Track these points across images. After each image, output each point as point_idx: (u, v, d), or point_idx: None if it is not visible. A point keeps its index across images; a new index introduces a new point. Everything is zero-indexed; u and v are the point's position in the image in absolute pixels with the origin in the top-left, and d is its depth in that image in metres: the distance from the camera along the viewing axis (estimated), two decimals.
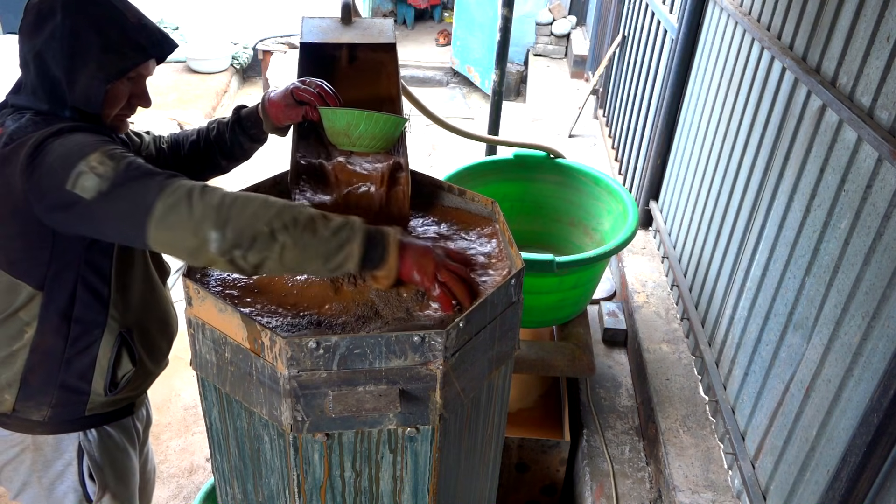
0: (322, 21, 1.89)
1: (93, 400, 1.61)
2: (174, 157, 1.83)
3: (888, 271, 1.68)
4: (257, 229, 1.23)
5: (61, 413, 1.60)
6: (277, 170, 1.79)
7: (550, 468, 2.69)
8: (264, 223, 1.23)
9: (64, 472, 1.65)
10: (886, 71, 1.77)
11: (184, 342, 1.55)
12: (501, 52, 3.35)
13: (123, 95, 1.51)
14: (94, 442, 1.66)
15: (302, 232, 1.25)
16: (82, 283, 1.51)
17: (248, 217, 1.23)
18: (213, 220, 1.22)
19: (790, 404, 2.09)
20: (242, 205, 1.24)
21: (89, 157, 1.30)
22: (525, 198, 3.06)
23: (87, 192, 1.28)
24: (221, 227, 1.22)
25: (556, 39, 7.68)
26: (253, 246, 1.23)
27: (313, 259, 1.27)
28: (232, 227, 1.22)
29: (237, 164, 1.88)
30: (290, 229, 1.24)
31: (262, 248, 1.24)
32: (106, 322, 1.57)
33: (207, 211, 1.23)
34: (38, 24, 1.41)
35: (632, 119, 4.42)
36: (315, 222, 1.26)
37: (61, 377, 1.57)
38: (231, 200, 1.25)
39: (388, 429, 1.38)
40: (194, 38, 7.46)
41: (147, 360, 1.69)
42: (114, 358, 1.59)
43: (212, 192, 1.25)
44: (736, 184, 2.69)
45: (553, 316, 2.77)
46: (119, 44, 1.44)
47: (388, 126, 1.57)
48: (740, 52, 2.76)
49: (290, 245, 1.24)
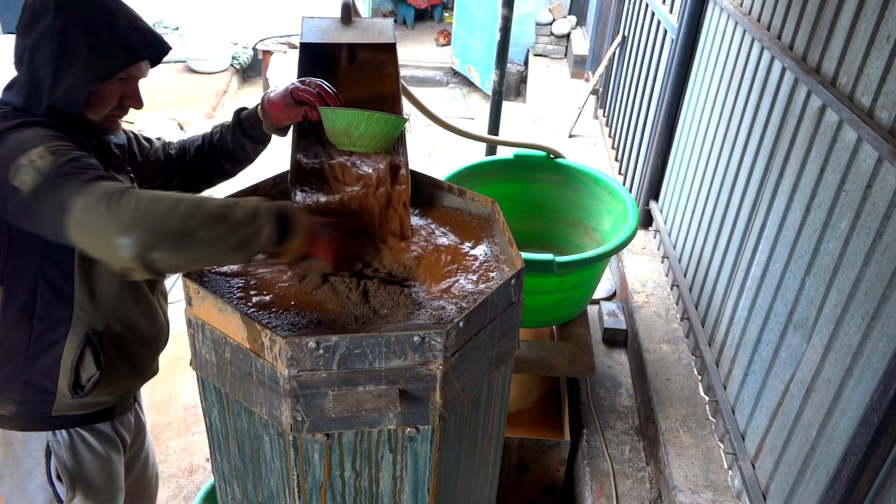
0: (322, 21, 1.89)
1: (59, 400, 1.59)
2: (181, 163, 1.83)
3: (888, 271, 1.68)
4: (172, 229, 1.20)
5: (27, 410, 1.59)
6: (277, 170, 1.79)
7: (550, 468, 2.69)
8: (178, 222, 1.20)
9: (33, 471, 1.64)
10: (886, 71, 1.77)
11: (184, 342, 1.55)
12: (501, 52, 3.35)
13: (113, 96, 1.50)
14: (63, 443, 1.64)
15: (216, 224, 1.23)
16: (43, 279, 1.50)
17: (161, 218, 1.20)
18: (124, 225, 1.18)
19: (790, 404, 2.09)
20: (153, 207, 1.20)
21: (31, 151, 1.29)
22: (525, 198, 3.06)
23: (25, 185, 1.27)
24: (133, 232, 1.18)
25: (556, 39, 7.68)
26: (173, 247, 1.20)
27: (230, 249, 1.25)
28: (146, 230, 1.18)
29: (242, 168, 1.87)
30: (207, 225, 1.22)
31: (181, 248, 1.21)
32: (70, 321, 1.54)
33: (119, 216, 1.19)
34: (31, 22, 1.42)
35: (632, 119, 4.42)
36: (227, 212, 1.24)
37: (25, 374, 1.55)
38: (145, 204, 1.20)
39: (388, 429, 1.38)
40: (194, 38, 7.46)
41: (121, 366, 1.65)
42: (77, 359, 1.56)
43: (126, 196, 1.21)
44: (736, 184, 2.69)
45: (553, 316, 2.77)
46: (108, 45, 1.43)
47: (388, 126, 1.57)
48: (740, 52, 2.76)
49: (207, 240, 1.22)
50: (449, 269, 1.57)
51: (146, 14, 7.24)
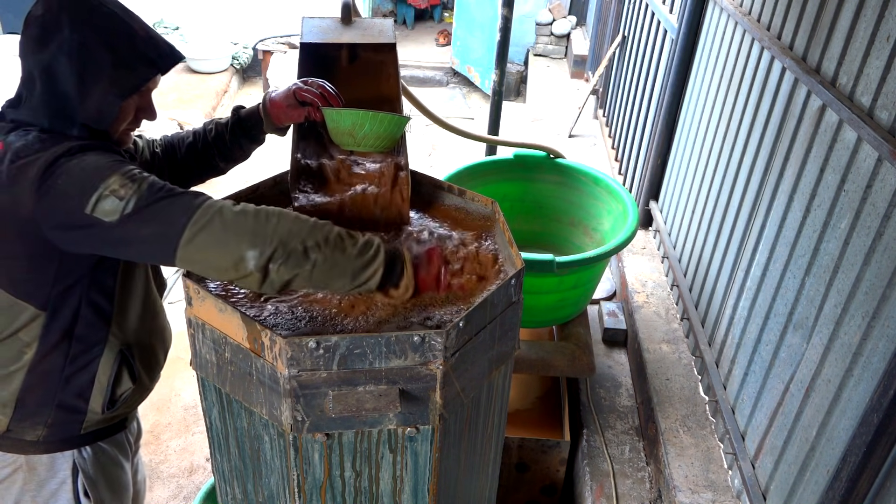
0: (322, 21, 1.89)
1: (89, 419, 1.58)
2: (169, 160, 1.78)
3: (888, 271, 1.68)
4: (292, 246, 1.26)
5: (56, 432, 1.56)
6: (277, 170, 1.79)
7: (550, 468, 2.69)
8: (298, 240, 1.27)
9: (58, 491, 1.62)
10: (886, 71, 1.77)
11: (184, 342, 1.54)
12: (501, 52, 3.35)
13: (132, 110, 1.48)
14: (88, 459, 1.63)
15: (332, 250, 1.29)
16: (86, 301, 1.48)
17: (283, 234, 1.27)
18: (249, 238, 1.25)
19: (790, 404, 2.09)
20: (277, 222, 1.27)
21: (108, 179, 1.28)
22: (525, 198, 3.06)
23: (109, 215, 1.27)
24: (258, 244, 1.25)
25: (556, 39, 7.68)
26: (287, 262, 1.26)
27: (340, 277, 1.31)
28: (268, 243, 1.25)
29: (234, 165, 1.86)
30: (322, 247, 1.28)
31: (295, 265, 1.27)
32: (107, 339, 1.54)
33: (242, 230, 1.26)
34: (43, 38, 1.36)
35: (632, 119, 4.42)
36: (343, 241, 1.31)
37: (59, 396, 1.53)
38: (265, 217, 1.28)
39: (388, 429, 1.38)
40: (194, 38, 7.45)
41: (144, 376, 1.66)
42: (114, 376, 1.56)
43: (243, 211, 1.28)
44: (736, 184, 2.69)
45: (553, 316, 2.77)
46: (130, 59, 1.41)
47: (392, 126, 1.58)
48: (740, 52, 2.76)
49: (320, 262, 1.28)
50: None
51: (146, 14, 7.24)
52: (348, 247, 1.31)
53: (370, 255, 1.32)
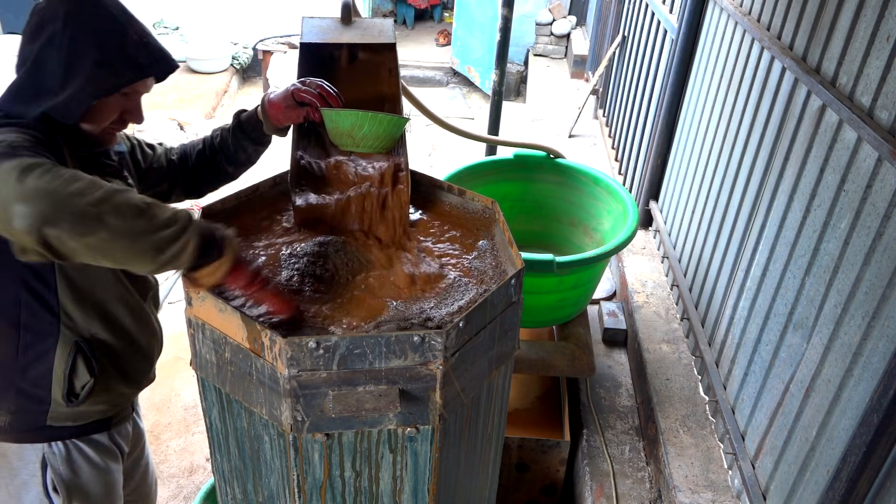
0: (322, 21, 1.89)
1: (55, 409, 1.57)
2: (183, 168, 1.82)
3: (888, 271, 1.68)
4: (80, 208, 1.10)
5: (22, 420, 1.56)
6: (277, 170, 1.79)
7: (550, 468, 2.69)
8: (89, 202, 1.11)
9: (28, 483, 1.62)
10: (886, 71, 1.77)
11: (184, 342, 1.54)
12: (501, 52, 3.35)
13: (114, 110, 1.48)
14: (59, 455, 1.62)
15: (135, 217, 1.14)
16: (26, 289, 1.47)
17: (70, 194, 1.10)
18: (25, 194, 1.09)
19: (790, 404, 2.09)
20: (65, 183, 1.11)
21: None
22: (525, 198, 3.06)
23: None
24: (34, 200, 1.09)
25: (556, 39, 7.68)
26: (74, 227, 1.10)
27: (144, 250, 1.16)
28: (48, 202, 1.09)
29: (245, 169, 1.86)
30: (121, 214, 1.12)
31: (85, 231, 1.11)
32: (59, 331, 1.52)
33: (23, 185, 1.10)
34: (39, 28, 1.39)
35: (632, 119, 4.42)
36: (150, 210, 1.16)
37: (18, 383, 1.53)
38: (57, 178, 1.12)
39: (388, 429, 1.38)
40: (194, 38, 7.45)
41: (115, 374, 1.63)
42: (69, 368, 1.54)
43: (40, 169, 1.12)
44: (736, 184, 2.69)
45: (553, 316, 2.77)
46: (115, 60, 1.41)
47: (391, 126, 1.58)
48: (740, 52, 2.76)
49: (119, 229, 1.12)
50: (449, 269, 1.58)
51: (146, 14, 7.24)
52: (155, 213, 1.15)
53: (180, 226, 1.17)
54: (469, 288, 1.52)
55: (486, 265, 1.60)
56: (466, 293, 1.50)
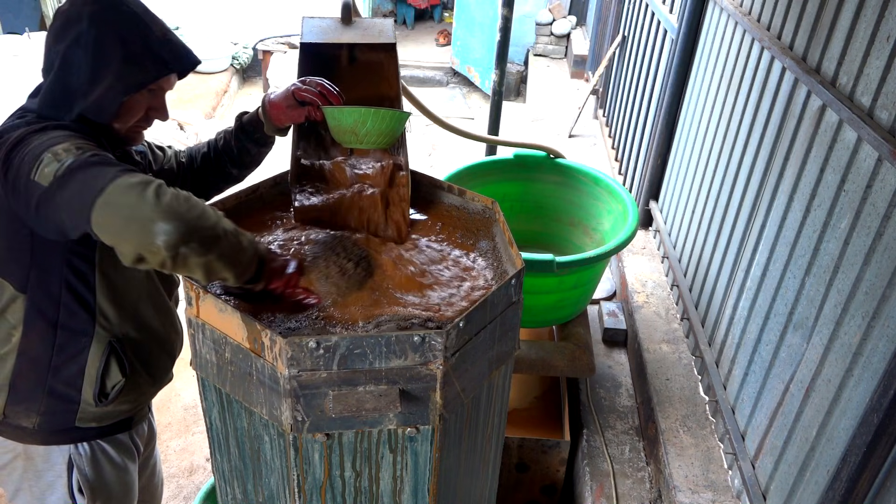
0: (322, 21, 1.89)
1: (83, 409, 1.59)
2: (190, 170, 1.83)
3: (888, 271, 1.68)
4: (206, 229, 1.24)
5: (51, 421, 1.57)
6: (277, 170, 1.79)
7: (550, 468, 2.69)
8: (211, 225, 1.25)
9: (54, 484, 1.63)
10: (886, 71, 1.77)
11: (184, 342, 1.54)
12: (501, 52, 3.35)
13: (141, 108, 1.50)
14: (85, 456, 1.63)
15: (236, 240, 1.29)
16: (67, 288, 1.49)
17: (199, 217, 1.24)
18: (165, 212, 1.20)
19: (790, 404, 2.09)
20: (193, 204, 1.25)
21: (56, 146, 1.29)
22: (525, 198, 3.06)
23: (46, 178, 1.27)
24: (173, 220, 1.20)
25: (556, 39, 7.68)
26: (200, 246, 1.23)
27: (235, 266, 1.29)
28: (184, 222, 1.21)
29: (249, 172, 1.87)
30: (229, 234, 1.28)
31: (206, 251, 1.24)
32: (94, 331, 1.54)
33: (162, 203, 1.21)
34: (63, 29, 1.41)
35: (632, 119, 4.42)
36: (238, 233, 1.31)
37: (49, 383, 1.54)
38: (184, 198, 1.24)
39: (388, 429, 1.38)
40: (194, 38, 7.44)
41: (143, 373, 1.66)
42: (102, 367, 1.56)
43: (164, 188, 1.24)
44: (736, 184, 2.69)
45: (553, 316, 2.77)
46: (141, 56, 1.43)
47: (394, 121, 1.58)
48: (740, 52, 2.76)
49: (226, 249, 1.27)
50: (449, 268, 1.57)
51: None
52: (241, 238, 1.31)
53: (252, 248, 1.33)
54: (469, 288, 1.52)
55: (486, 265, 1.60)
56: (466, 293, 1.50)
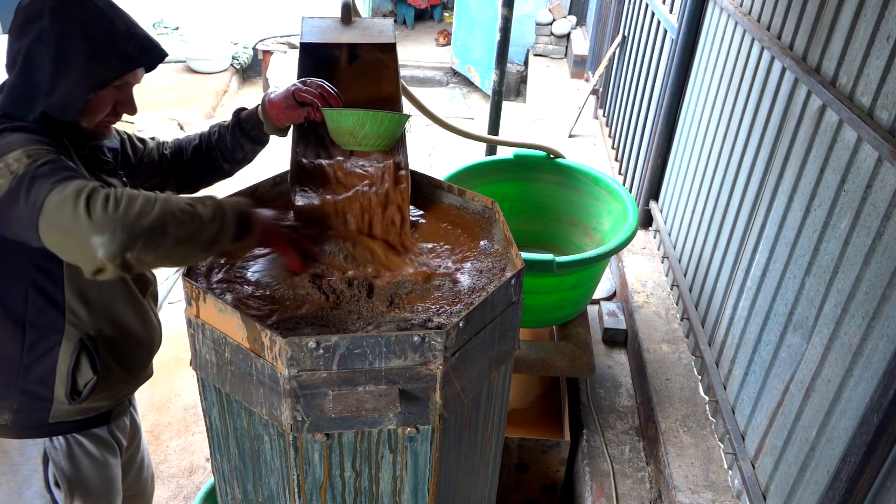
0: (322, 21, 1.89)
1: (56, 407, 1.57)
2: (177, 163, 1.81)
3: (888, 271, 1.68)
4: (147, 227, 1.20)
5: (24, 418, 1.56)
6: (277, 170, 1.79)
7: (550, 468, 2.69)
8: (152, 220, 1.21)
9: (30, 478, 1.62)
10: (886, 71, 1.77)
11: (184, 342, 1.54)
12: (501, 52, 3.35)
13: (107, 103, 1.48)
14: (60, 450, 1.62)
15: (189, 221, 1.25)
16: (34, 287, 1.48)
17: (137, 216, 1.20)
18: (97, 224, 1.17)
19: (790, 404, 2.09)
20: (127, 206, 1.20)
21: (8, 155, 1.27)
22: (525, 198, 3.06)
23: (1, 189, 1.25)
24: (107, 231, 1.17)
25: (556, 39, 7.68)
26: (147, 245, 1.20)
27: (201, 247, 1.29)
28: (121, 229, 1.18)
29: (240, 168, 1.86)
30: (179, 215, 1.24)
31: (155, 246, 1.21)
32: (64, 328, 1.52)
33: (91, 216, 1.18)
34: (25, 25, 1.38)
35: (632, 119, 4.42)
36: (194, 209, 1.27)
37: (21, 382, 1.53)
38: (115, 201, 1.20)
39: (388, 429, 1.38)
40: (194, 38, 7.45)
41: (117, 370, 1.64)
42: (73, 365, 1.54)
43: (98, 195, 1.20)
44: (736, 184, 2.69)
45: (553, 316, 2.77)
46: (106, 52, 1.41)
47: (393, 124, 1.58)
48: (740, 52, 2.76)
49: (181, 232, 1.24)
50: (449, 268, 1.58)
51: (146, 14, 7.24)
52: (200, 213, 1.27)
53: (220, 217, 1.29)
54: (469, 288, 1.52)
55: (486, 265, 1.60)
56: (466, 293, 1.50)
